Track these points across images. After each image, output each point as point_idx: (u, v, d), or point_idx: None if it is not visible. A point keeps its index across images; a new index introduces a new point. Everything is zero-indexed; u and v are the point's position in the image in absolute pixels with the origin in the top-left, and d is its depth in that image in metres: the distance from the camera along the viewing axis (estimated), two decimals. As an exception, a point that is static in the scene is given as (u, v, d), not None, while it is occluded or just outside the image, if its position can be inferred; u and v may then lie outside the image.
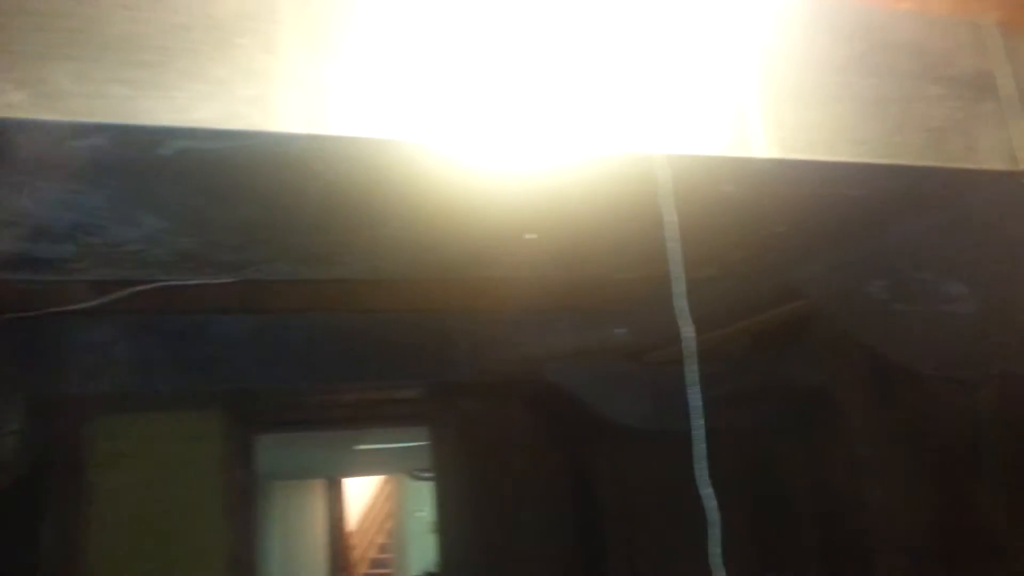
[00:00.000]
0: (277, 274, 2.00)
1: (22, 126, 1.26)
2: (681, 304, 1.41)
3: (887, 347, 2.46)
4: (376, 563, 12.49)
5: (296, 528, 10.38)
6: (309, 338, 3.60)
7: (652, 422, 4.00)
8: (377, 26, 1.40)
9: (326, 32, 1.37)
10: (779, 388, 3.50)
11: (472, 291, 3.28)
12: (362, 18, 1.39)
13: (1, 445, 3.28)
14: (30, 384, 3.29)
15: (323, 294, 3.23)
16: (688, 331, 1.39)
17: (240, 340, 3.59)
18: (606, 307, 3.53)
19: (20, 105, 1.23)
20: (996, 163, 1.66)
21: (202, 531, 4.30)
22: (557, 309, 3.60)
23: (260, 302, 3.39)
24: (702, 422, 1.35)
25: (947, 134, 1.64)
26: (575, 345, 3.71)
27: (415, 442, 5.97)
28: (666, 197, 1.42)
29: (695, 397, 1.36)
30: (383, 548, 12.55)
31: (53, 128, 1.28)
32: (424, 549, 10.40)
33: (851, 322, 2.45)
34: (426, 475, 7.78)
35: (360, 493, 12.13)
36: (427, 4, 1.42)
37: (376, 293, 3.32)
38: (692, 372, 1.36)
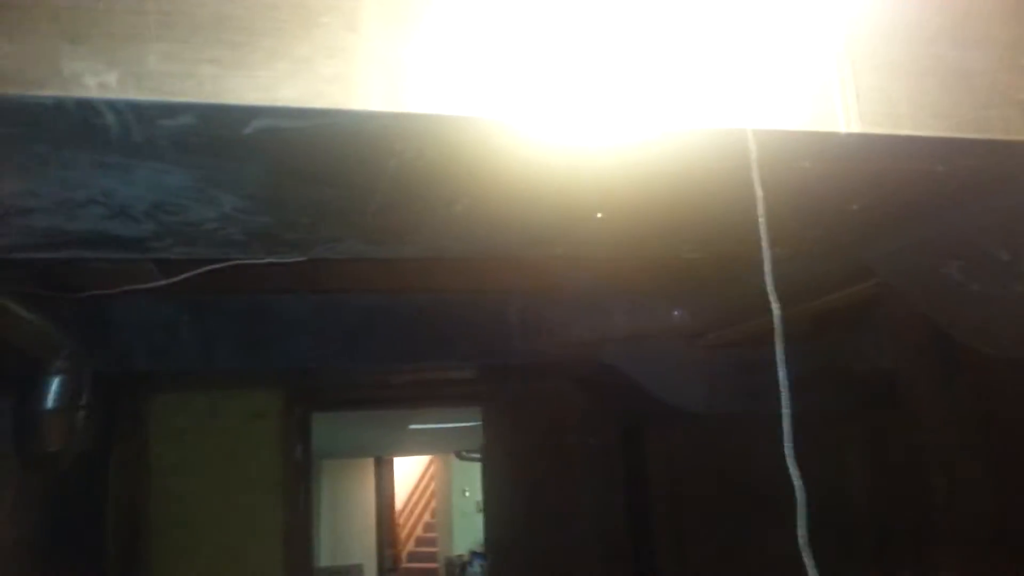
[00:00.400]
0: (346, 253, 2.02)
1: (113, 106, 1.29)
2: (769, 281, 1.39)
3: (959, 329, 2.40)
4: (422, 541, 12.67)
5: (345, 505, 10.56)
6: (366, 318, 3.64)
7: (706, 405, 3.97)
8: (455, 4, 1.39)
9: (407, 9, 1.38)
10: (844, 370, 3.44)
11: (530, 271, 3.28)
12: None
13: (71, 419, 3.39)
14: (99, 360, 3.39)
15: (382, 273, 3.26)
16: (776, 308, 1.37)
17: (299, 319, 3.65)
18: (664, 288, 3.50)
19: (112, 86, 1.26)
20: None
21: (259, 506, 4.40)
22: (614, 290, 3.58)
23: (323, 282, 3.44)
24: (788, 402, 1.33)
25: (1033, 107, 1.58)
26: (631, 327, 3.69)
27: (467, 422, 6.03)
28: (753, 172, 1.40)
29: (783, 376, 1.35)
30: (429, 527, 12.73)
31: (143, 107, 1.30)
32: (469, 528, 10.53)
33: (923, 302, 2.40)
34: (473, 455, 7.86)
35: (407, 472, 12.30)
36: None
37: (433, 272, 3.35)
38: (780, 351, 1.34)
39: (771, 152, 1.59)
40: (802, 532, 1.28)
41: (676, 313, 3.69)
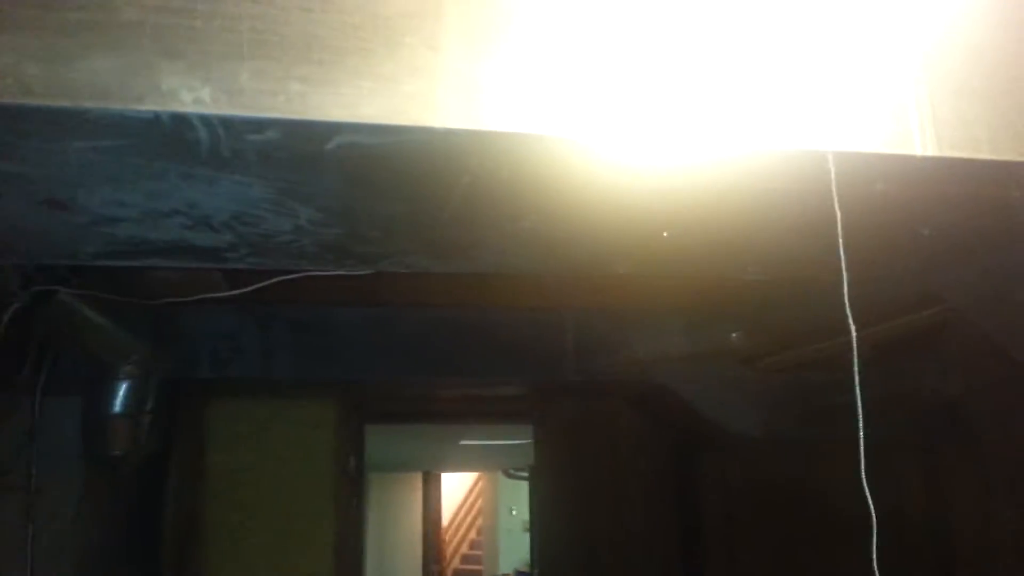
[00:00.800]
0: (412, 266, 2.05)
1: (206, 120, 1.34)
2: (847, 305, 1.39)
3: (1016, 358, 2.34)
4: (467, 559, 12.66)
5: (392, 519, 10.62)
6: (422, 331, 3.69)
7: (763, 430, 3.91)
8: (532, 23, 1.42)
9: (485, 29, 1.41)
10: (910, 397, 3.37)
11: (587, 288, 3.29)
12: (519, 16, 1.42)
13: (138, 424, 3.50)
14: (165, 367, 3.49)
15: (439, 287, 3.30)
16: (854, 332, 1.37)
17: (356, 331, 3.71)
18: (723, 310, 3.48)
19: (206, 101, 1.31)
20: None
21: (312, 516, 4.46)
22: (672, 310, 3.57)
23: (381, 294, 3.50)
24: (861, 424, 1.32)
25: (1123, 133, 1.54)
26: (687, 348, 3.67)
27: (518, 439, 6.03)
28: (833, 194, 1.40)
29: (859, 402, 1.34)
30: (474, 544, 12.72)
31: (233, 123, 1.35)
32: (515, 547, 10.48)
33: (994, 329, 2.34)
34: (521, 473, 7.84)
35: (454, 488, 12.32)
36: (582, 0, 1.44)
37: (490, 288, 3.37)
38: (856, 377, 1.34)
39: (847, 174, 1.58)
40: (874, 558, 1.26)
41: (734, 335, 3.65)
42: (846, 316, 1.39)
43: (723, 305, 3.48)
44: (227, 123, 1.36)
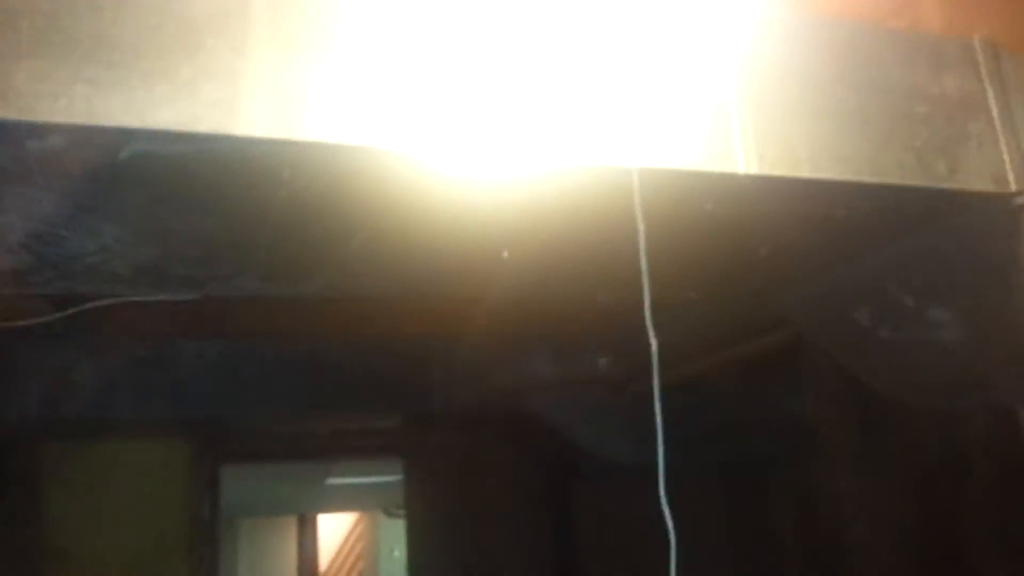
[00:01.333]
0: (242, 290, 1.92)
1: (-26, 125, 1.20)
2: (648, 318, 1.39)
3: (872, 376, 2.42)
4: (347, 604, 12.17)
5: (265, 567, 10.10)
6: (279, 364, 3.51)
7: (633, 455, 3.92)
8: (352, 29, 1.35)
9: (300, 33, 1.33)
10: (764, 420, 3.45)
11: (451, 316, 3.21)
12: (338, 20, 1.35)
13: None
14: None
15: (294, 318, 3.15)
16: (654, 343, 1.37)
17: (206, 365, 3.49)
18: (587, 334, 3.47)
19: (-25, 104, 1.17)
20: (982, 184, 1.63)
21: (161, 567, 4.14)
22: (539, 337, 3.53)
23: (231, 326, 3.30)
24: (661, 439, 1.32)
25: (933, 154, 1.61)
26: (556, 375, 3.64)
27: (390, 476, 5.85)
28: (637, 211, 1.38)
29: (658, 411, 1.33)
30: (355, 588, 12.24)
31: (7, 128, 1.22)
32: (398, 589, 10.15)
33: (836, 350, 2.41)
34: (401, 512, 7.62)
35: (334, 530, 11.85)
36: (407, 9, 1.38)
37: (350, 317, 3.25)
38: (656, 386, 1.33)
39: (673, 193, 1.58)
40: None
41: (602, 361, 3.65)
42: (650, 328, 1.38)
43: (590, 330, 3.47)
44: (2, 128, 1.21)
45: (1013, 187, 1.62)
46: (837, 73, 1.60)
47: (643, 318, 3.46)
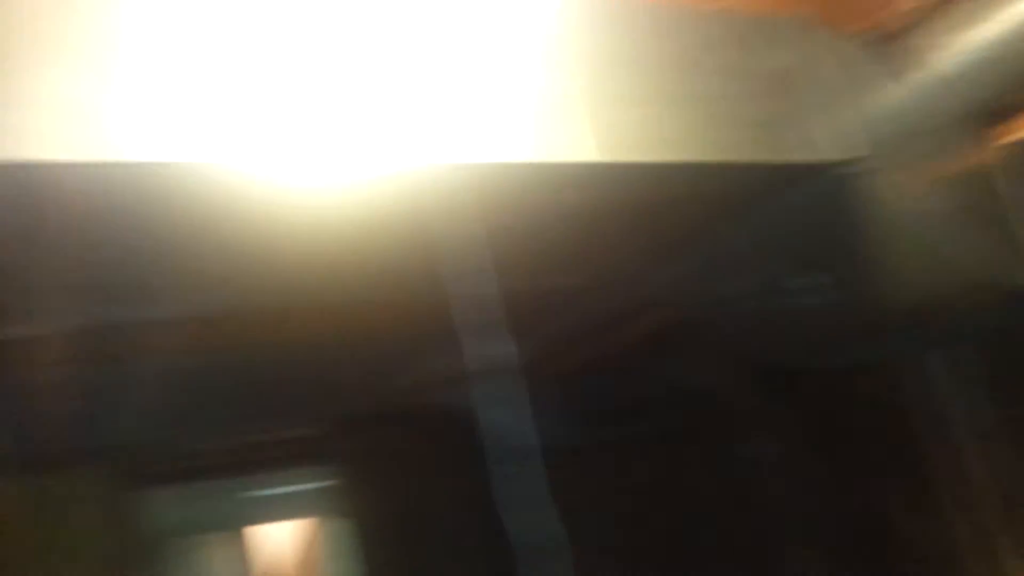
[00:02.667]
0: (75, 318, 1.86)
1: None
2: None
3: (752, 346, 2.51)
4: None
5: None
6: (188, 381, 3.45)
7: (547, 439, 3.97)
8: (146, 38, 1.27)
9: (90, 48, 1.23)
10: (660, 398, 3.54)
11: (346, 317, 3.21)
12: (129, 29, 1.27)
13: None
14: None
15: (190, 336, 3.11)
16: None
17: (114, 391, 3.41)
18: (489, 326, 3.50)
19: None
20: (813, 155, 1.71)
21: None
22: (440, 330, 3.55)
23: (131, 349, 3.23)
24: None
25: (764, 129, 1.68)
26: (461, 367, 3.67)
27: (320, 482, 5.80)
28: (473, 206, 1.41)
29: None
30: (307, 598, 12.11)
31: None
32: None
33: (713, 323, 2.49)
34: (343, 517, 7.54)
35: (288, 538, 11.67)
36: (206, 18, 1.32)
37: (250, 329, 3.22)
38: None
39: (524, 185, 1.61)
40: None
41: (505, 348, 3.69)
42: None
43: (489, 320, 3.50)
44: None
45: (841, 157, 1.71)
46: (668, 56, 1.66)
47: (544, 304, 3.48)
